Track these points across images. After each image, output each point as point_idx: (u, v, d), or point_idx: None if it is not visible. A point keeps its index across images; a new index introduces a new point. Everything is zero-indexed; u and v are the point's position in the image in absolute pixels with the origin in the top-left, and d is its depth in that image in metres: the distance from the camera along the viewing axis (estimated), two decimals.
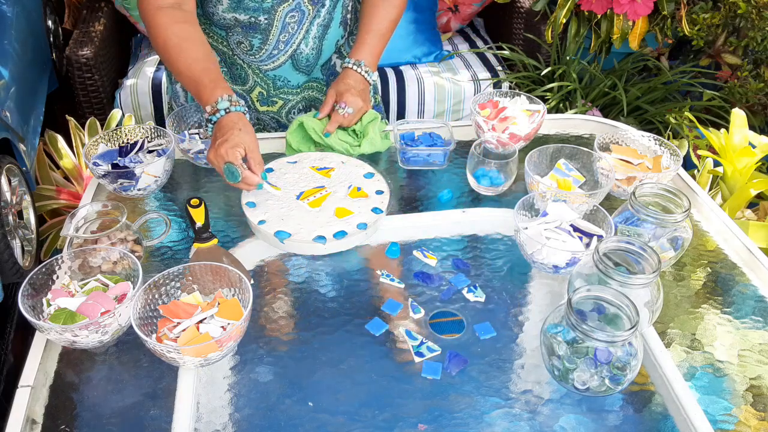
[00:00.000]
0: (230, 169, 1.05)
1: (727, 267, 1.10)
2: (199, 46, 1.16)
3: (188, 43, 1.15)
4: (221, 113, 1.12)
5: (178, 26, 1.16)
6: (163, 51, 1.16)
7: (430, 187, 1.24)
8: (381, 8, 1.33)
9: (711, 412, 0.85)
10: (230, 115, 1.11)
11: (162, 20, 1.15)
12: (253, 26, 1.25)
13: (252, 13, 1.23)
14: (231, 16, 1.24)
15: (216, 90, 1.12)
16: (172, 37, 1.15)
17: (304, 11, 1.26)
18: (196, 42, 1.16)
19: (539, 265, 1.02)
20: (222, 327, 0.88)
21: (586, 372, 0.84)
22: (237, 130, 1.09)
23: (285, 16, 1.24)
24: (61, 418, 0.84)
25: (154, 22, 1.16)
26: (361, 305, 1.00)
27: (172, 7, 1.16)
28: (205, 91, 1.13)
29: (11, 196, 1.88)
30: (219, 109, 1.11)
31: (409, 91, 2.54)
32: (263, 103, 1.38)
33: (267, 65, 1.31)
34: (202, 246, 1.05)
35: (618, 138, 1.27)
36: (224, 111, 1.11)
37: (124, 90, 2.44)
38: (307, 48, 1.31)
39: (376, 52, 1.34)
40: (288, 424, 0.83)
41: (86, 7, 2.68)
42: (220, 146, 1.07)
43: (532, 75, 2.59)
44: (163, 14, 1.16)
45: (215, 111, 1.12)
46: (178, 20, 1.16)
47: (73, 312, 0.89)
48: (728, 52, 2.37)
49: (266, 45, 1.28)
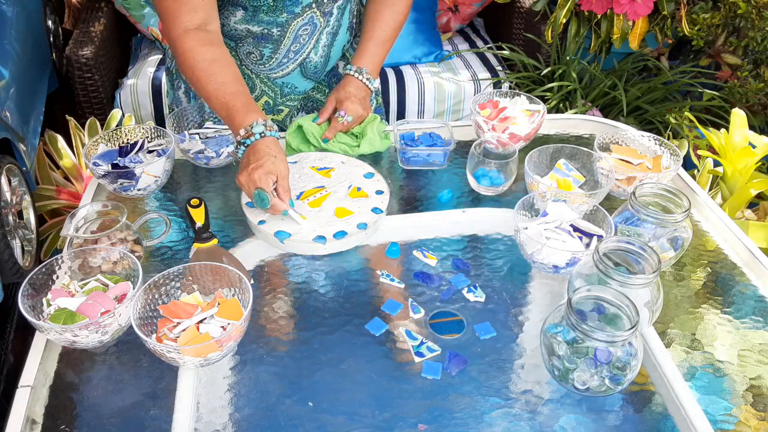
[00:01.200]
0: (261, 195, 1.05)
1: (727, 267, 1.10)
2: (228, 69, 1.14)
3: (217, 65, 1.13)
4: (256, 137, 1.09)
5: (205, 49, 1.13)
6: (190, 74, 1.14)
7: (430, 187, 1.24)
8: (385, 14, 1.32)
9: (711, 412, 0.85)
10: (265, 140, 1.09)
11: (189, 44, 1.12)
12: (265, 37, 1.24)
13: (265, 26, 1.23)
14: (243, 28, 1.23)
15: (250, 114, 1.10)
16: (200, 60, 1.12)
17: (317, 24, 1.25)
18: (224, 64, 1.14)
19: (539, 265, 1.02)
20: (222, 327, 0.88)
21: (586, 372, 0.84)
22: (272, 156, 1.07)
23: (298, 29, 1.24)
24: (61, 418, 0.84)
25: (181, 47, 1.13)
26: (361, 305, 1.00)
27: (197, 28, 1.13)
28: (238, 115, 1.10)
29: (11, 196, 1.88)
30: (254, 133, 1.09)
31: (409, 91, 2.54)
32: (269, 112, 1.38)
33: (276, 73, 1.31)
34: (202, 246, 1.05)
35: (618, 138, 1.27)
36: (259, 135, 1.09)
37: (124, 90, 2.44)
38: (317, 56, 1.31)
39: (378, 59, 1.33)
40: (288, 424, 0.83)
41: (86, 7, 2.68)
42: (253, 171, 1.05)
43: (532, 75, 2.59)
44: (189, 37, 1.13)
45: (250, 135, 1.09)
46: (204, 42, 1.13)
47: (73, 312, 0.89)
48: (728, 52, 2.37)
49: (276, 54, 1.27)
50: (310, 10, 1.23)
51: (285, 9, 1.21)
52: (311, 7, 1.22)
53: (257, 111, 1.11)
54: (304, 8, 1.22)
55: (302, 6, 1.21)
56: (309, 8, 1.22)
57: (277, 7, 1.20)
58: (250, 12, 1.21)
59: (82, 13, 2.67)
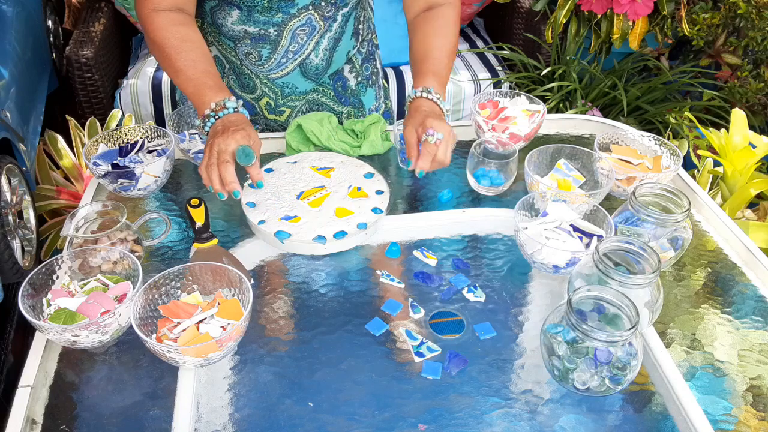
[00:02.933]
0: (246, 151, 1.04)
1: (727, 267, 1.10)
2: (199, 48, 1.14)
3: (188, 44, 1.13)
4: (230, 110, 1.09)
5: (176, 28, 1.14)
6: (159, 51, 1.13)
7: (430, 187, 1.24)
8: (433, 38, 1.22)
9: (711, 412, 0.85)
10: (239, 114, 1.09)
11: (159, 22, 1.13)
12: (262, 38, 1.24)
13: (262, 26, 1.23)
14: (240, 28, 1.24)
15: (222, 91, 1.10)
16: (170, 37, 1.12)
17: (315, 26, 1.25)
18: (195, 43, 1.14)
19: (539, 265, 1.02)
20: (222, 327, 0.88)
21: (586, 372, 0.84)
22: (248, 126, 1.07)
23: (295, 29, 1.24)
24: (61, 418, 0.84)
25: (151, 25, 1.13)
26: (361, 305, 1.00)
27: (170, 9, 1.15)
28: (210, 92, 1.10)
29: (11, 196, 1.88)
30: (227, 107, 1.09)
31: (409, 91, 2.53)
32: (271, 112, 1.38)
33: (275, 73, 1.31)
34: (202, 246, 1.05)
35: (618, 138, 1.27)
36: (233, 109, 1.09)
37: (124, 90, 2.44)
38: (317, 59, 1.30)
39: (441, 81, 1.20)
40: (288, 424, 0.83)
41: (86, 7, 2.68)
42: (235, 132, 1.04)
43: (532, 75, 2.59)
44: (159, 16, 1.14)
45: (222, 108, 1.09)
46: (176, 22, 1.14)
47: (73, 312, 0.89)
48: (728, 52, 2.37)
49: (275, 55, 1.27)
50: (307, 11, 1.22)
51: (280, 9, 1.20)
52: (308, 9, 1.22)
53: (228, 91, 1.11)
54: (300, 10, 1.22)
55: (298, 8, 1.21)
56: (306, 10, 1.22)
57: (272, 7, 1.20)
58: (245, 12, 1.21)
59: (82, 13, 2.67)
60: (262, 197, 1.14)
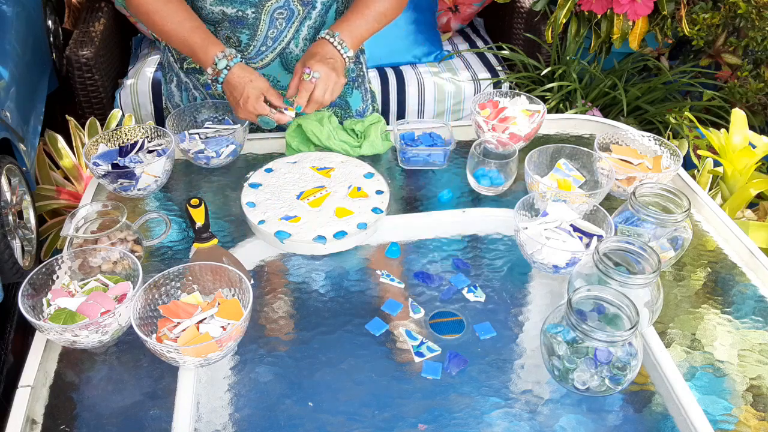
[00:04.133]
0: (264, 120, 1.18)
1: (727, 267, 1.10)
2: (181, 7, 1.20)
3: (170, 5, 1.19)
4: (225, 72, 1.17)
5: None
6: (147, 19, 1.21)
7: (430, 187, 1.24)
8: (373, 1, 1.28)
9: (711, 412, 0.85)
10: (234, 71, 1.17)
11: None
12: (240, 21, 1.25)
13: (239, 6, 1.23)
14: (219, 10, 1.24)
15: (209, 48, 1.17)
16: (153, 3, 1.19)
17: (294, 10, 1.25)
18: (177, 4, 1.20)
19: (539, 265, 1.02)
20: (222, 327, 0.88)
21: (586, 372, 0.84)
22: (248, 81, 1.16)
23: (273, 12, 1.24)
24: (61, 418, 0.84)
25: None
26: (361, 305, 1.00)
27: None
28: (200, 52, 1.17)
29: (11, 196, 1.88)
30: (220, 69, 1.17)
31: (409, 91, 2.54)
32: None
33: (256, 63, 1.31)
34: (202, 246, 1.05)
35: (618, 138, 1.27)
36: (226, 69, 1.17)
37: (124, 90, 2.44)
38: (297, 49, 1.31)
39: (357, 32, 1.25)
40: (288, 424, 0.83)
41: (86, 7, 2.68)
42: (246, 103, 1.16)
43: (532, 75, 2.59)
44: None
45: (218, 73, 1.17)
46: None
47: (73, 312, 0.89)
48: (728, 52, 2.37)
49: (254, 41, 1.27)
50: None
51: None
52: None
53: (215, 42, 1.19)
54: None
55: None
56: None
57: None
58: None
59: (82, 13, 2.67)
60: (262, 197, 1.14)
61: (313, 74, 1.17)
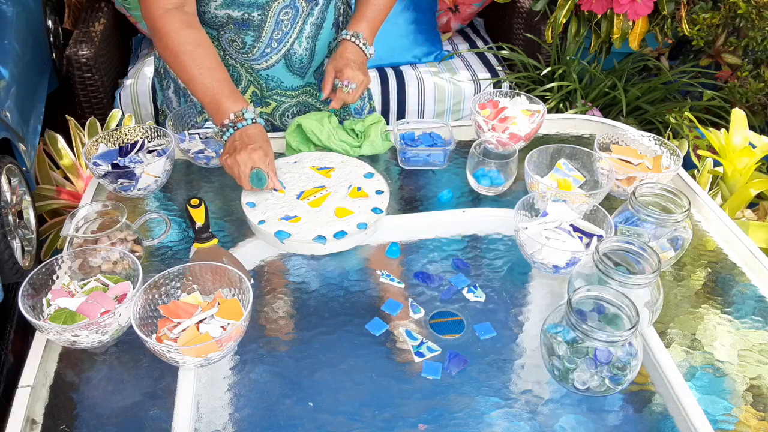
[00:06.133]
0: (259, 175, 1.11)
1: (727, 267, 1.10)
2: (211, 53, 1.16)
3: (201, 50, 1.15)
4: (248, 122, 1.13)
5: (188, 32, 1.15)
6: (173, 58, 1.15)
7: (430, 187, 1.24)
8: None
9: (711, 412, 0.85)
10: (257, 125, 1.15)
11: (171, 25, 1.14)
12: (246, 23, 1.24)
13: (246, 9, 1.22)
14: (224, 13, 1.23)
15: (239, 101, 1.14)
16: (183, 43, 1.14)
17: (298, 8, 1.25)
18: (207, 49, 1.16)
19: (539, 265, 1.02)
20: (222, 327, 0.88)
21: (586, 372, 0.84)
22: (264, 142, 1.13)
23: (279, 13, 1.24)
24: (61, 418, 0.84)
25: (164, 28, 1.14)
26: (361, 305, 1.00)
27: (177, 8, 1.15)
28: (227, 101, 1.13)
29: (11, 196, 1.88)
30: (246, 118, 1.13)
31: (409, 91, 2.54)
32: (257, 104, 1.37)
33: (260, 64, 1.31)
34: (202, 246, 1.05)
35: (618, 138, 1.27)
36: (251, 120, 1.14)
37: (124, 90, 2.44)
38: (301, 48, 1.31)
39: (374, 26, 1.32)
40: (288, 424, 0.83)
41: (86, 7, 2.68)
42: (252, 152, 1.10)
43: (532, 75, 2.59)
44: (170, 18, 1.14)
45: (241, 119, 1.13)
46: (185, 25, 1.15)
47: (73, 312, 0.89)
48: (728, 52, 2.37)
49: (259, 42, 1.27)
50: None
51: None
52: None
53: (244, 100, 1.16)
54: None
55: None
56: None
57: None
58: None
59: (82, 13, 2.67)
60: (262, 197, 1.14)
61: (351, 86, 1.25)
